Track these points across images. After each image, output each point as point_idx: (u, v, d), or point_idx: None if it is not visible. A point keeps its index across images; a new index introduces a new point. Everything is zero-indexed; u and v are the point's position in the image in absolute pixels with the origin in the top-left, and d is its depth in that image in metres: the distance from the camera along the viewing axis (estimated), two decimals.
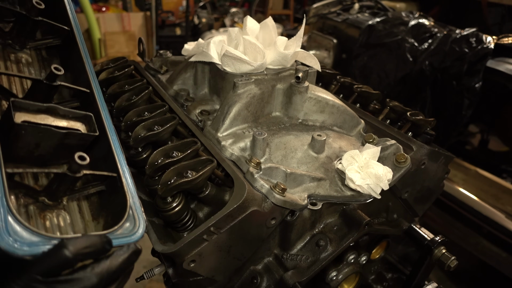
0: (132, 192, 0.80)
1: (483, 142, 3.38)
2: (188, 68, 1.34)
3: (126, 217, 0.75)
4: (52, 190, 0.76)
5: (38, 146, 0.75)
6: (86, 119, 0.84)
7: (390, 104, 1.39)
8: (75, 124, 0.82)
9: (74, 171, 0.70)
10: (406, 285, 1.24)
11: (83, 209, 0.83)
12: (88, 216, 0.83)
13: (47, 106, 0.78)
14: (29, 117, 0.75)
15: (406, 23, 2.91)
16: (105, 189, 0.84)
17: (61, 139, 0.76)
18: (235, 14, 7.02)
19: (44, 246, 0.61)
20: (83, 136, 0.80)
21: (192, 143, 0.99)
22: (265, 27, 1.26)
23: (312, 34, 3.41)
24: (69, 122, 0.81)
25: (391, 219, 1.30)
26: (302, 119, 1.20)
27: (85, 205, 0.84)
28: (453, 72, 2.56)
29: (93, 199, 0.86)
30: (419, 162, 1.19)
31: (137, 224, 0.76)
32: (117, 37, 6.21)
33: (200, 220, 0.98)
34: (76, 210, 0.82)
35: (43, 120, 0.77)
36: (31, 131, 0.72)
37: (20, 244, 0.60)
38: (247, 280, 1.04)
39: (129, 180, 0.82)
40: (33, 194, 0.76)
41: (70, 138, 0.77)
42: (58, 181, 0.74)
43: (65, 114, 0.81)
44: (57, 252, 0.59)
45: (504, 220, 2.24)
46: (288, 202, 0.93)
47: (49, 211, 0.77)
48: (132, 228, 0.75)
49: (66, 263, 0.59)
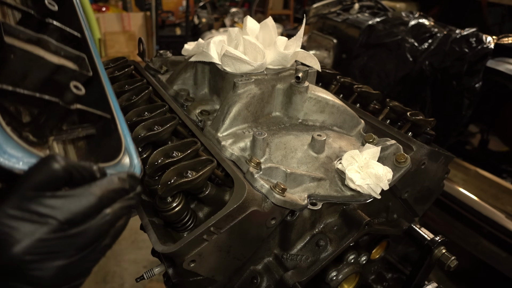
0: (126, 135, 0.75)
1: (483, 142, 3.38)
2: (188, 68, 1.34)
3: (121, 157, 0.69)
4: (39, 124, 0.68)
5: (24, 77, 0.66)
6: (79, 60, 0.76)
7: (390, 104, 1.39)
8: (66, 62, 0.74)
9: (67, 101, 0.63)
10: (406, 285, 1.24)
11: (68, 153, 0.76)
12: None
13: (39, 36, 0.70)
14: (19, 44, 0.66)
15: (406, 23, 2.91)
16: (95, 133, 0.77)
17: (52, 72, 0.68)
18: (235, 14, 7.02)
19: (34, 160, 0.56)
20: (75, 74, 0.72)
21: (192, 143, 0.99)
22: (265, 27, 1.26)
23: (312, 34, 3.41)
24: (59, 59, 0.73)
25: (391, 219, 1.31)
26: (302, 119, 1.20)
27: (71, 149, 0.77)
28: (453, 72, 2.56)
29: (80, 145, 0.79)
30: (419, 162, 1.19)
31: (132, 165, 0.71)
32: (117, 37, 6.21)
33: (200, 220, 0.98)
34: (61, 154, 0.74)
35: (34, 50, 0.69)
36: (21, 57, 0.64)
37: (8, 157, 0.55)
38: (247, 280, 1.04)
39: (124, 124, 0.77)
40: (17, 125, 0.68)
41: (61, 74, 0.69)
42: (48, 112, 0.66)
43: (57, 50, 0.73)
44: (46, 165, 0.55)
45: (504, 220, 2.24)
46: (288, 202, 0.93)
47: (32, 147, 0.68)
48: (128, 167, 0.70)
49: (56, 177, 0.55)
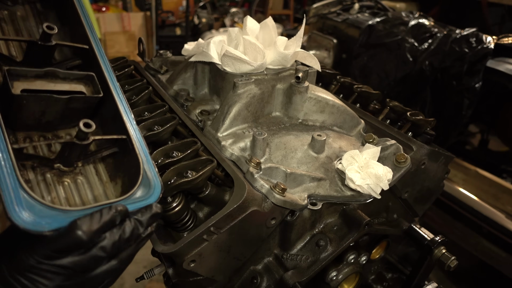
0: (144, 152, 0.78)
1: (483, 142, 3.38)
2: (188, 68, 1.33)
3: (140, 181, 0.73)
4: (65, 157, 0.75)
5: (44, 113, 0.73)
6: (89, 80, 0.81)
7: (390, 104, 1.39)
8: (77, 87, 0.79)
9: (81, 139, 0.69)
10: (406, 285, 1.24)
11: (100, 171, 0.82)
12: (105, 178, 0.82)
13: (46, 70, 0.75)
14: (28, 85, 0.72)
15: (406, 23, 2.91)
16: (118, 151, 0.82)
17: (65, 104, 0.74)
18: (235, 14, 7.02)
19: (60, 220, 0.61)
20: (87, 99, 0.78)
21: (192, 143, 0.99)
22: (265, 27, 1.26)
23: (312, 34, 3.41)
24: (71, 85, 0.78)
25: (391, 219, 1.30)
26: (302, 119, 1.20)
27: (101, 167, 0.83)
28: (453, 72, 2.56)
29: (109, 161, 0.84)
30: (419, 162, 1.19)
31: (152, 185, 0.74)
32: (117, 37, 6.21)
33: (200, 220, 0.98)
34: (93, 173, 0.81)
35: (43, 86, 0.74)
36: (33, 100, 0.70)
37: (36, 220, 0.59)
38: (247, 280, 1.04)
39: (141, 140, 0.80)
40: (47, 162, 0.75)
41: (74, 102, 0.75)
42: (69, 149, 0.73)
43: (65, 77, 0.78)
44: (70, 233, 0.59)
45: (504, 220, 2.24)
46: (288, 202, 0.93)
47: (66, 176, 0.77)
48: (147, 190, 0.73)
49: (80, 244, 0.60)
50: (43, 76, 0.75)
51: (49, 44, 0.80)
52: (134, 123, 0.82)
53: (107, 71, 0.86)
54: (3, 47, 0.91)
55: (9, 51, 0.91)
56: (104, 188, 0.80)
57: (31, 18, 1.00)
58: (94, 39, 0.90)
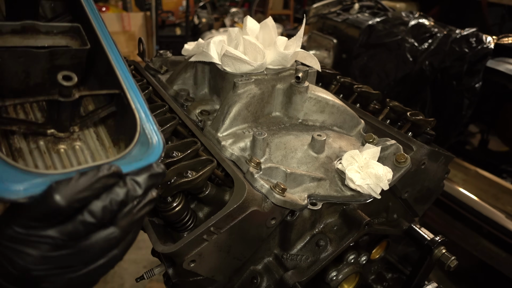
0: (141, 107, 0.69)
1: (483, 142, 3.38)
2: (188, 68, 1.34)
3: (137, 138, 0.64)
4: (55, 120, 0.66)
5: (28, 74, 0.64)
6: (75, 32, 0.72)
7: (390, 104, 1.39)
8: (62, 41, 0.70)
9: (65, 95, 0.60)
10: (406, 285, 1.24)
11: (101, 134, 0.74)
12: (108, 142, 0.73)
13: (22, 23, 0.66)
14: (3, 41, 0.64)
15: (406, 23, 2.91)
16: (116, 110, 0.73)
17: (49, 60, 0.65)
18: (235, 14, 7.02)
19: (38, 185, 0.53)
20: (72, 53, 0.68)
21: (192, 143, 0.99)
22: (265, 27, 1.26)
23: (312, 34, 3.41)
24: (54, 39, 0.70)
25: (391, 219, 1.30)
26: (302, 119, 1.20)
27: (102, 130, 0.74)
28: (453, 72, 2.56)
29: (109, 123, 0.75)
30: (419, 162, 1.19)
31: (151, 143, 0.64)
32: (117, 37, 6.20)
33: (200, 220, 0.98)
34: (93, 137, 0.73)
35: (22, 42, 0.66)
36: (9, 57, 0.61)
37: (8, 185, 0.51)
38: (247, 280, 1.04)
39: (137, 94, 0.71)
40: (38, 128, 0.66)
41: (59, 57, 0.66)
42: (56, 109, 0.64)
43: (48, 31, 0.69)
44: (47, 199, 0.52)
45: (504, 220, 2.24)
46: (288, 202, 0.93)
47: (62, 143, 0.68)
48: (146, 149, 0.64)
49: (58, 210, 0.52)
50: (21, 31, 0.66)
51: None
52: (129, 76, 0.73)
53: (96, 21, 0.76)
54: None
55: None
56: (107, 154, 0.71)
57: None
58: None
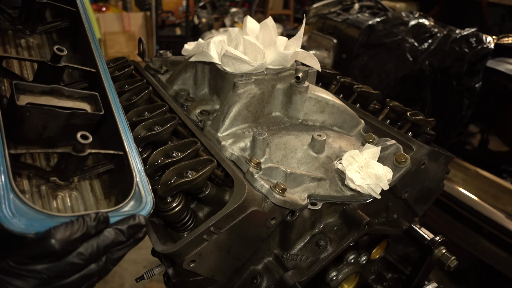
0: (139, 169, 0.81)
1: (483, 142, 3.38)
2: (188, 68, 1.33)
3: (132, 195, 0.75)
4: (61, 169, 0.76)
5: (45, 128, 0.75)
6: (92, 99, 0.85)
7: (390, 104, 1.39)
8: (81, 104, 0.83)
9: (78, 151, 0.71)
10: (406, 285, 1.24)
11: (95, 187, 0.84)
12: (100, 195, 0.83)
13: (51, 87, 0.78)
14: (34, 99, 0.75)
15: (406, 23, 2.91)
16: (114, 168, 0.84)
17: (67, 119, 0.76)
18: (235, 14, 7.02)
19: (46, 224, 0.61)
20: (88, 116, 0.81)
21: (192, 143, 0.99)
22: (265, 27, 1.26)
23: (312, 34, 3.41)
24: (74, 102, 0.82)
25: (391, 219, 1.30)
26: (302, 119, 1.20)
27: (97, 183, 0.85)
28: (453, 72, 2.56)
29: (104, 178, 0.86)
30: (419, 162, 1.19)
31: (143, 201, 0.76)
32: (117, 37, 6.21)
33: (200, 220, 0.98)
34: (88, 189, 0.83)
35: (48, 101, 0.77)
36: (35, 113, 0.72)
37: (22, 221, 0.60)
38: (247, 280, 1.04)
39: (137, 158, 0.82)
40: (43, 174, 0.76)
41: (76, 118, 0.78)
42: (65, 161, 0.74)
43: (70, 95, 0.81)
44: (44, 241, 0.59)
45: (504, 220, 2.24)
46: (288, 202, 0.93)
47: (61, 190, 0.78)
48: (138, 205, 0.74)
49: (53, 252, 0.59)
50: (49, 93, 0.79)
51: (59, 65, 0.85)
52: (132, 142, 0.85)
53: (110, 92, 0.91)
54: (16, 68, 0.95)
55: (21, 72, 0.96)
56: (97, 205, 0.81)
57: (46, 47, 1.06)
58: (102, 63, 0.95)
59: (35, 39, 1.04)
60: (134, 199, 0.75)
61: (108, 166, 0.84)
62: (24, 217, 0.61)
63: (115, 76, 1.27)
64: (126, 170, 0.80)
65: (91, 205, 0.80)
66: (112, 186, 0.85)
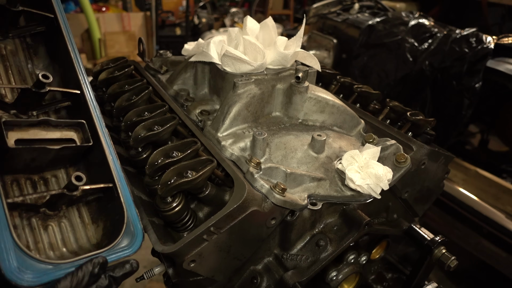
0: (128, 201, 0.82)
1: (483, 142, 3.38)
2: (188, 68, 1.33)
3: (124, 231, 0.77)
4: (52, 204, 0.78)
5: (34, 160, 0.77)
6: (79, 126, 0.85)
7: (390, 104, 1.39)
8: (69, 134, 0.83)
9: (71, 190, 0.73)
10: (406, 285, 1.24)
11: (82, 213, 0.85)
12: (88, 220, 0.84)
13: (39, 120, 0.79)
14: (22, 134, 0.76)
15: (406, 23, 2.91)
16: (103, 196, 0.85)
17: (56, 153, 0.78)
18: (235, 14, 7.02)
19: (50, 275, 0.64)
20: (77, 148, 0.82)
21: (192, 143, 0.99)
22: (265, 27, 1.26)
23: (312, 34, 3.41)
24: (62, 132, 0.82)
25: (391, 219, 1.30)
26: (302, 119, 1.20)
27: (84, 209, 0.86)
28: (453, 72, 2.56)
29: (92, 204, 0.87)
30: (419, 162, 1.19)
31: (134, 234, 0.78)
32: (117, 37, 6.21)
33: (200, 220, 0.98)
34: (76, 215, 0.84)
35: (36, 134, 0.78)
36: (26, 151, 0.73)
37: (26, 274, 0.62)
38: (247, 280, 1.04)
39: (125, 188, 0.84)
40: (34, 208, 0.77)
41: (65, 150, 0.79)
42: (58, 198, 0.76)
43: (57, 125, 0.82)
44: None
45: (504, 220, 2.24)
46: (288, 202, 0.93)
47: (51, 220, 0.80)
48: (129, 241, 0.77)
49: None
50: (36, 125, 0.79)
51: (43, 91, 0.83)
52: (120, 170, 0.86)
53: (96, 117, 0.89)
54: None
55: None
56: (85, 231, 0.83)
57: (20, 52, 1.02)
58: (85, 83, 0.92)
59: (8, 44, 1.00)
60: (126, 233, 0.77)
61: (96, 195, 0.85)
62: (30, 270, 0.62)
63: (115, 76, 1.27)
64: (115, 201, 0.81)
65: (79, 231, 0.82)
66: (99, 212, 0.86)
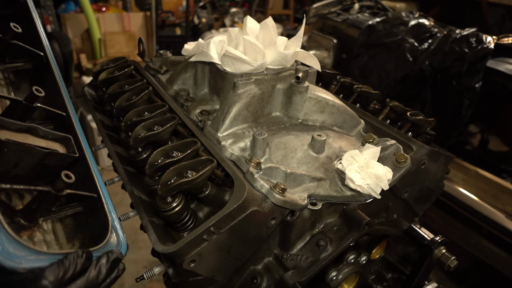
0: (111, 211, 0.82)
1: (483, 142, 3.38)
2: (188, 68, 1.34)
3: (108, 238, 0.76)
4: (31, 209, 0.76)
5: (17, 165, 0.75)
6: (65, 141, 0.85)
7: (390, 104, 1.39)
8: (54, 145, 0.83)
9: (58, 189, 0.72)
10: (406, 285, 1.24)
11: (57, 231, 0.84)
12: (62, 239, 0.83)
13: (28, 126, 0.79)
14: (11, 136, 0.75)
15: (406, 23, 2.91)
16: (82, 211, 0.84)
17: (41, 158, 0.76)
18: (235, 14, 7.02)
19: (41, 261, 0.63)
20: (63, 157, 0.81)
21: (192, 143, 0.99)
22: (265, 27, 1.26)
23: (312, 34, 3.41)
24: (48, 142, 0.82)
25: (391, 219, 1.30)
26: (302, 119, 1.20)
27: (59, 227, 0.84)
28: (453, 72, 2.56)
29: (68, 222, 0.86)
30: (419, 162, 1.19)
31: (120, 243, 0.78)
32: (117, 37, 6.20)
33: (200, 220, 0.98)
34: (50, 232, 0.83)
35: (24, 139, 0.77)
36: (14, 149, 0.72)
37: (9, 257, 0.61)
38: (247, 280, 1.04)
39: (109, 200, 0.84)
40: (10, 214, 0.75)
41: (50, 158, 0.78)
42: (40, 200, 0.74)
43: (44, 135, 0.82)
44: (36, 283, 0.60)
45: (504, 220, 2.25)
46: (288, 202, 0.93)
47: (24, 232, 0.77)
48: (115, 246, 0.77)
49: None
50: (25, 131, 0.79)
51: (33, 105, 0.86)
52: (103, 185, 0.87)
53: (81, 136, 0.93)
54: None
55: None
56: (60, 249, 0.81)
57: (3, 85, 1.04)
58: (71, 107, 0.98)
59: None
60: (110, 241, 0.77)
61: (76, 209, 0.84)
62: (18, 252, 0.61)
63: (115, 76, 1.27)
64: (98, 213, 0.81)
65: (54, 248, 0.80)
66: (76, 230, 0.85)
